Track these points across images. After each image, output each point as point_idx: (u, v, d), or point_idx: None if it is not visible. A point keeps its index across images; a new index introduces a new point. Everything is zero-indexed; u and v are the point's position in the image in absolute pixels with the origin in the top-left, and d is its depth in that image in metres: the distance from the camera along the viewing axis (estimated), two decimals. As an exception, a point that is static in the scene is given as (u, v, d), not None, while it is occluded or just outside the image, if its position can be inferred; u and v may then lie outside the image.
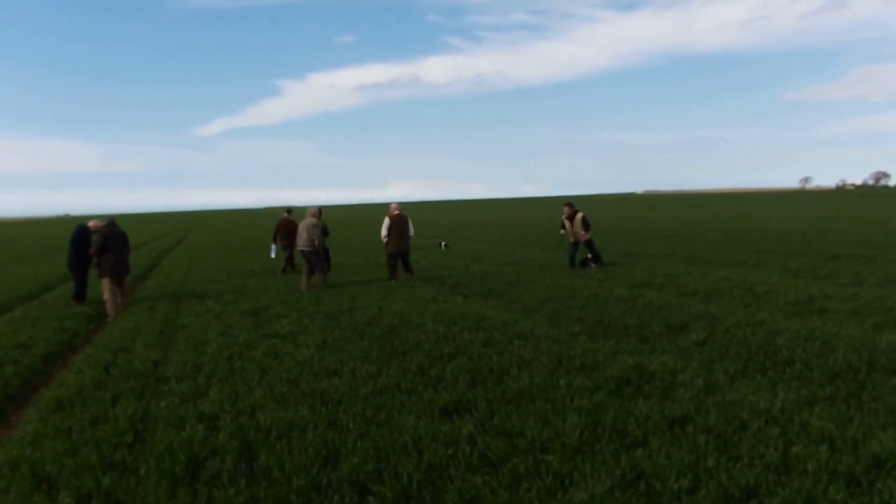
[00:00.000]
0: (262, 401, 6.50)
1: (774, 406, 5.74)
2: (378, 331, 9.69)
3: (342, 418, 5.91)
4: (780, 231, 30.20)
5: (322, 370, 7.60)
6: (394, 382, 6.95)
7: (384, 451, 5.14)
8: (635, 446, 5.08)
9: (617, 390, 6.44)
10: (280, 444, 5.35)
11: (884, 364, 6.98)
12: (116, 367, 8.07)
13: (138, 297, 14.52)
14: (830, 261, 17.25)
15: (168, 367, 8.13)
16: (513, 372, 7.17)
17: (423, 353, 8.22)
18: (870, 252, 19.12)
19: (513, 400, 6.25)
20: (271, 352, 8.61)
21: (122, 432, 5.77)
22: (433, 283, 15.21)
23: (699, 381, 6.57)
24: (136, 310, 12.79)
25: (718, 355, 7.65)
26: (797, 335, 8.39)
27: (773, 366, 7.12)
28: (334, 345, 8.92)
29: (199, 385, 7.17)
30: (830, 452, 4.79)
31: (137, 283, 18.36)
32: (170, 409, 6.32)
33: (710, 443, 5.04)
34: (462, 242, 29.77)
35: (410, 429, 5.53)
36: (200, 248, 33.84)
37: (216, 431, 5.72)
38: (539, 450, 5.08)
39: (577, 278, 15.16)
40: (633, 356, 7.63)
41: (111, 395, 6.88)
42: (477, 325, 9.82)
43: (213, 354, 8.57)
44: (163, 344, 9.53)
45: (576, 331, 9.26)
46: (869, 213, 47.73)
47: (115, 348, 9.16)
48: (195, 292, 15.06)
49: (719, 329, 8.96)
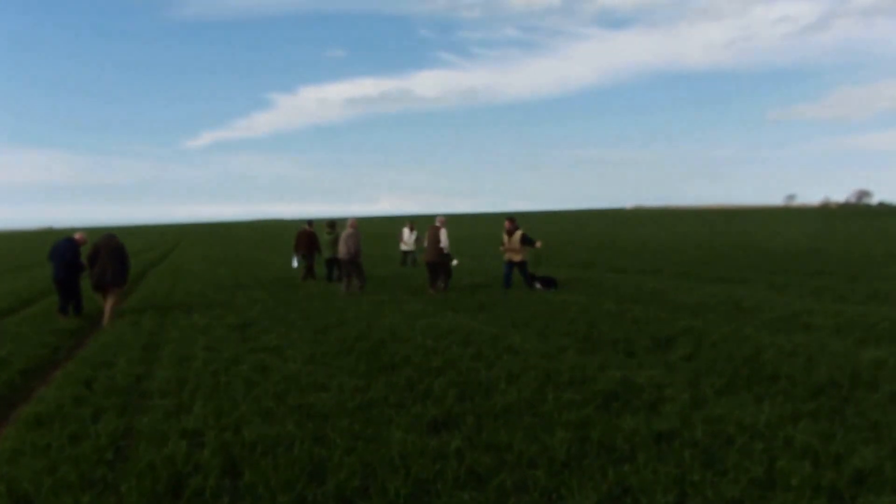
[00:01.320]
0: (248, 416, 6.43)
1: (759, 421, 5.77)
2: (367, 345, 9.65)
3: (329, 433, 5.86)
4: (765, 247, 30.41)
5: (309, 385, 7.55)
6: (382, 397, 6.92)
7: (371, 467, 5.11)
8: (622, 461, 5.08)
9: (605, 405, 6.44)
10: (265, 459, 5.30)
11: (866, 379, 7.05)
12: (98, 383, 7.94)
13: (121, 311, 14.40)
14: (815, 277, 17.41)
15: (151, 382, 8.03)
16: (501, 386, 7.16)
17: (412, 367, 8.20)
18: (853, 269, 19.31)
19: (501, 414, 6.24)
20: (258, 366, 8.54)
21: (103, 449, 5.67)
22: (422, 298, 15.19)
23: (686, 395, 6.59)
24: (120, 324, 12.68)
25: (705, 370, 7.68)
26: (782, 350, 8.45)
27: (759, 381, 7.16)
28: (322, 359, 8.87)
29: (183, 400, 7.09)
30: (814, 467, 4.82)
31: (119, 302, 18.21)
32: (152, 425, 6.23)
33: (696, 457, 5.06)
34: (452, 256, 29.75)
35: (398, 444, 5.50)
36: (187, 261, 33.63)
37: (200, 447, 5.64)
38: (526, 465, 5.08)
39: (567, 293, 15.18)
40: (620, 371, 7.65)
41: (92, 412, 6.77)
42: (466, 339, 9.81)
43: (198, 369, 8.49)
44: (146, 359, 9.43)
45: (564, 345, 9.27)
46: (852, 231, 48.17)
47: (97, 363, 9.05)
48: (181, 306, 14.95)
49: (706, 344, 9.00)
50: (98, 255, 13.33)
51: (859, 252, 26.08)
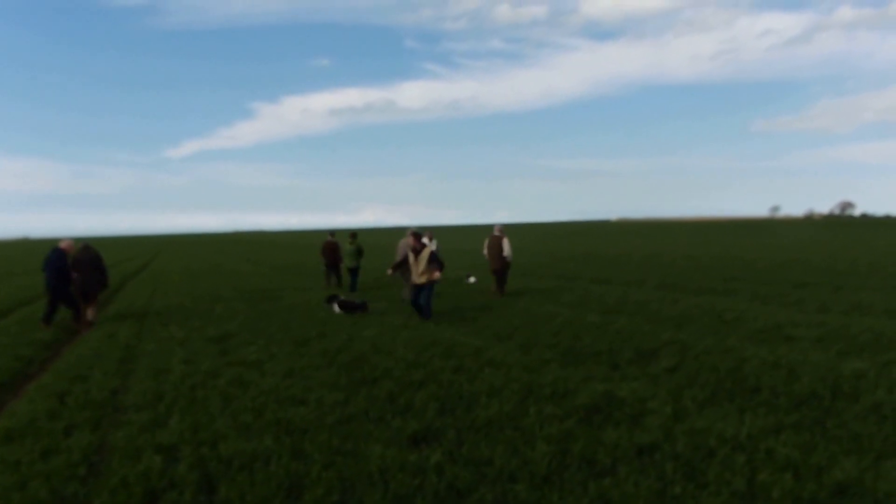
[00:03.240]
0: (225, 430, 6.33)
1: (741, 433, 5.74)
2: (347, 358, 9.55)
3: (307, 448, 5.77)
4: (749, 259, 30.60)
5: (288, 399, 7.44)
6: (361, 410, 6.83)
7: (349, 482, 5.03)
8: (604, 474, 5.03)
9: (587, 418, 6.39)
10: (242, 475, 5.20)
11: (847, 391, 7.04)
12: (72, 397, 7.79)
13: (98, 323, 14.21)
14: (798, 288, 17.50)
15: (127, 395, 7.90)
16: (482, 400, 7.09)
17: (393, 380, 8.11)
18: (836, 280, 19.45)
19: (482, 428, 6.16)
20: (236, 380, 8.42)
21: (76, 464, 5.55)
22: (405, 310, 15.11)
23: (668, 408, 6.55)
24: (96, 336, 12.51)
25: (688, 382, 7.64)
26: (765, 362, 8.44)
27: (741, 393, 7.13)
28: (302, 372, 8.76)
29: (159, 415, 6.96)
30: (795, 480, 4.80)
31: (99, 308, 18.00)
32: (127, 440, 6.11)
33: (677, 470, 5.01)
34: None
35: (377, 458, 5.42)
36: (167, 272, 33.37)
37: (175, 463, 5.54)
38: (507, 479, 5.00)
39: (550, 305, 15.15)
40: (603, 383, 7.60)
41: (65, 426, 6.64)
42: (448, 351, 9.74)
43: (175, 383, 8.37)
44: (122, 372, 9.29)
45: (547, 358, 9.22)
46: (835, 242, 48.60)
47: (72, 376, 8.90)
48: (159, 318, 14.79)
49: (689, 356, 8.98)
50: (76, 265, 14.11)
51: (842, 263, 26.27)
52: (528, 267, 27.32)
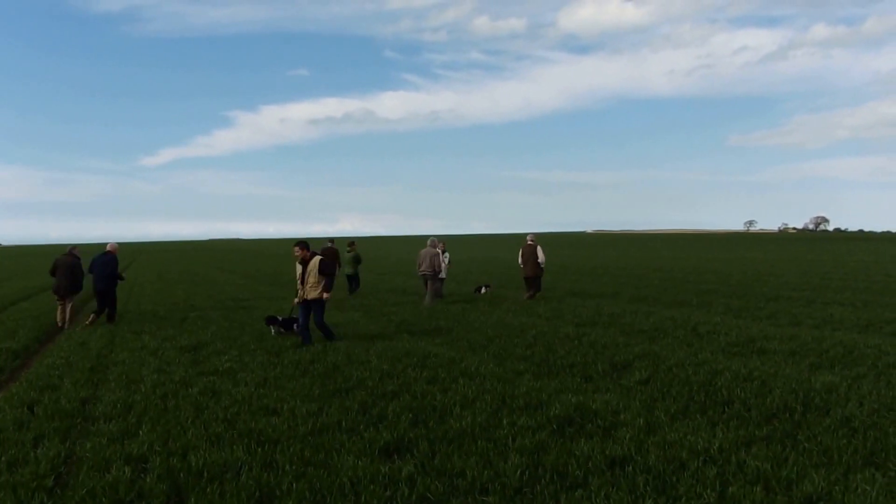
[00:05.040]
0: (196, 441, 6.26)
1: (713, 446, 5.77)
2: (321, 368, 9.50)
3: (278, 459, 5.73)
4: (723, 272, 30.89)
5: (261, 409, 7.39)
6: (334, 421, 6.80)
7: (320, 494, 5.00)
8: (575, 487, 5.04)
9: (559, 430, 6.40)
10: (211, 486, 5.15)
11: (818, 404, 7.11)
12: (41, 406, 7.68)
13: (68, 334, 14.01)
14: (771, 302, 17.67)
15: (97, 405, 7.79)
16: (456, 411, 7.08)
17: (366, 391, 8.08)
18: (808, 294, 19.67)
19: (454, 439, 6.15)
20: (208, 389, 8.33)
21: (43, 476, 5.47)
22: (380, 321, 15.07)
23: (640, 420, 6.58)
24: (67, 345, 12.33)
25: (660, 394, 7.69)
26: (737, 375, 8.50)
27: (713, 405, 7.18)
28: (275, 382, 8.70)
29: (130, 425, 6.88)
30: (765, 492, 4.83)
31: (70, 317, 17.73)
32: (96, 451, 6.03)
33: (648, 483, 5.03)
34: (411, 279, 29.66)
35: (349, 470, 5.39)
36: (141, 280, 33.01)
37: (144, 474, 5.49)
38: (479, 491, 5.00)
39: (524, 316, 15.18)
40: (576, 395, 7.62)
41: (33, 436, 6.55)
42: (422, 362, 9.72)
43: (146, 392, 8.27)
44: (93, 381, 9.16)
45: (521, 369, 9.23)
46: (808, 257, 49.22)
47: (42, 386, 8.76)
48: (131, 327, 14.61)
49: (662, 368, 9.03)
50: (55, 269, 15.39)
51: (815, 277, 26.60)
52: (503, 278, 27.37)
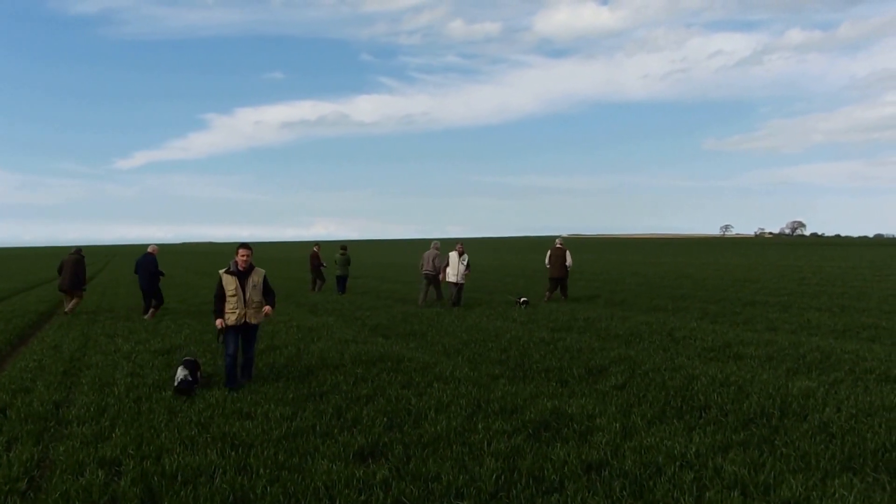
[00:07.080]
0: (169, 444, 6.19)
1: (690, 451, 5.78)
2: (295, 372, 9.43)
3: (252, 463, 5.67)
4: (699, 277, 31.09)
5: (235, 412, 7.31)
6: (309, 425, 6.74)
7: (294, 498, 4.95)
8: (551, 491, 5.02)
9: (535, 434, 6.39)
10: (185, 490, 5.09)
11: (795, 409, 7.15)
12: (14, 409, 7.56)
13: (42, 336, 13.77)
14: (747, 307, 17.78)
15: (70, 409, 7.67)
16: (431, 415, 7.05)
17: (341, 394, 8.03)
18: (785, 299, 19.82)
19: (430, 444, 6.12)
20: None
21: (15, 479, 5.40)
22: (354, 324, 14.99)
23: (616, 425, 6.59)
24: (39, 348, 12.12)
25: (637, 399, 7.70)
26: (714, 380, 8.54)
27: (690, 410, 7.21)
28: (249, 386, 8.61)
29: (103, 428, 6.78)
30: (743, 498, 4.84)
31: (43, 320, 17.48)
32: (69, 454, 5.95)
33: (625, 488, 5.03)
34: (385, 283, 29.58)
35: (323, 474, 5.35)
36: (114, 283, 32.58)
37: (118, 477, 5.43)
38: (454, 495, 4.98)
39: (499, 320, 15.17)
40: (552, 400, 7.62)
41: (6, 440, 6.46)
42: (397, 366, 9.67)
43: (119, 395, 8.16)
44: (66, 384, 9.02)
45: (496, 374, 9.21)
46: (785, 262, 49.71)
47: (15, 389, 8.61)
48: (104, 330, 14.41)
49: (638, 373, 9.05)
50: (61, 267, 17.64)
51: (791, 283, 26.82)
52: (478, 282, 27.36)
